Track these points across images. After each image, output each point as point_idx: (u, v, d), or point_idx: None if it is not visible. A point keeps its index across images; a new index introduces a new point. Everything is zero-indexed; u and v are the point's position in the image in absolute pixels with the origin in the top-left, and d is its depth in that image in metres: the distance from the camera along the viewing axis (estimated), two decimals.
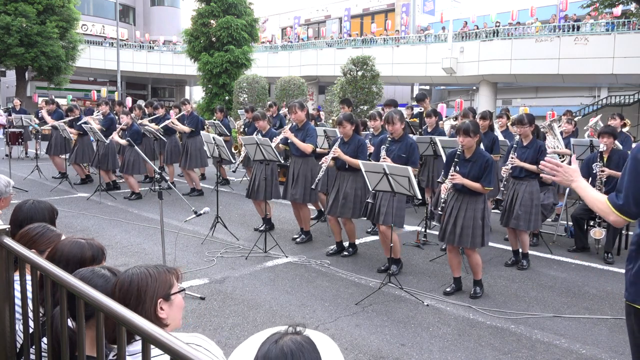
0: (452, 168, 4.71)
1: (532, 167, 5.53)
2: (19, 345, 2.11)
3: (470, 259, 4.85)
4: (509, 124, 7.91)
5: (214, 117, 12.63)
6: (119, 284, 1.73)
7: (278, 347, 1.10)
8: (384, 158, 5.33)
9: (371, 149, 6.05)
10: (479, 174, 4.61)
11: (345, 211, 5.79)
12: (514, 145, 5.75)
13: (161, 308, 1.72)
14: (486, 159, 4.65)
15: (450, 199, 4.85)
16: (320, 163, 5.83)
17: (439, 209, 4.83)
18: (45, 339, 1.83)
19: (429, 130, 7.78)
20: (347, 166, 5.74)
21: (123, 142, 9.02)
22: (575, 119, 12.02)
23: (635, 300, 2.23)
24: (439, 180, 6.37)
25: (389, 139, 5.45)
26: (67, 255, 2.07)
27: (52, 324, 1.76)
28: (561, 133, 8.13)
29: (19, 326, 2.11)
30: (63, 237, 2.44)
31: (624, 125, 8.28)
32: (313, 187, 5.94)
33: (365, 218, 5.68)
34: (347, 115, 5.87)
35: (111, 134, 9.16)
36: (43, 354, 1.86)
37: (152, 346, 1.58)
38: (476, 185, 4.60)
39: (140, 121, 10.37)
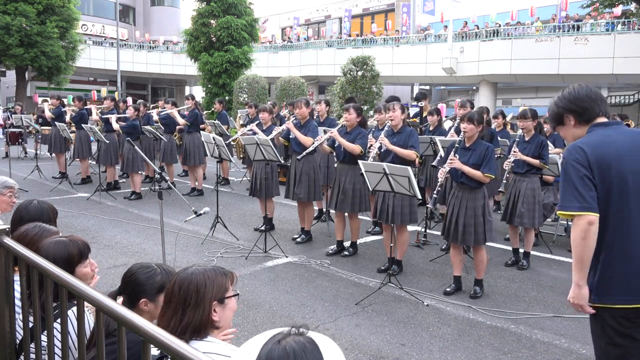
0: (452, 153, 4.68)
1: (535, 162, 5.55)
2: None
3: (476, 255, 4.85)
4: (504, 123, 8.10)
5: (213, 108, 12.67)
6: (179, 282, 1.75)
7: (281, 347, 1.10)
8: (381, 138, 5.36)
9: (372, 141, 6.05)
10: (479, 162, 4.59)
11: (344, 206, 5.82)
12: (517, 140, 5.76)
13: (214, 310, 1.74)
14: (486, 146, 4.66)
15: (451, 197, 4.85)
16: (315, 139, 5.97)
17: (434, 192, 4.79)
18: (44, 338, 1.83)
19: (431, 129, 7.75)
20: (346, 158, 5.78)
21: (116, 126, 9.28)
22: None
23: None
24: (433, 164, 6.40)
25: (387, 128, 5.47)
26: (54, 257, 2.01)
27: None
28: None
29: (18, 325, 2.11)
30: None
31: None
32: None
33: (376, 219, 5.66)
34: (356, 105, 5.97)
35: (110, 129, 9.51)
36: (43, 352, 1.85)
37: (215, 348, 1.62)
38: (476, 172, 4.55)
39: (149, 112, 10.55)
